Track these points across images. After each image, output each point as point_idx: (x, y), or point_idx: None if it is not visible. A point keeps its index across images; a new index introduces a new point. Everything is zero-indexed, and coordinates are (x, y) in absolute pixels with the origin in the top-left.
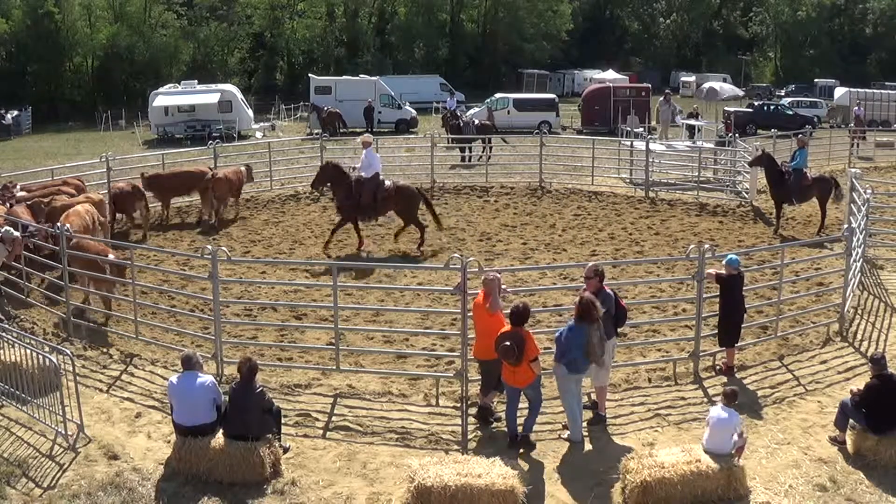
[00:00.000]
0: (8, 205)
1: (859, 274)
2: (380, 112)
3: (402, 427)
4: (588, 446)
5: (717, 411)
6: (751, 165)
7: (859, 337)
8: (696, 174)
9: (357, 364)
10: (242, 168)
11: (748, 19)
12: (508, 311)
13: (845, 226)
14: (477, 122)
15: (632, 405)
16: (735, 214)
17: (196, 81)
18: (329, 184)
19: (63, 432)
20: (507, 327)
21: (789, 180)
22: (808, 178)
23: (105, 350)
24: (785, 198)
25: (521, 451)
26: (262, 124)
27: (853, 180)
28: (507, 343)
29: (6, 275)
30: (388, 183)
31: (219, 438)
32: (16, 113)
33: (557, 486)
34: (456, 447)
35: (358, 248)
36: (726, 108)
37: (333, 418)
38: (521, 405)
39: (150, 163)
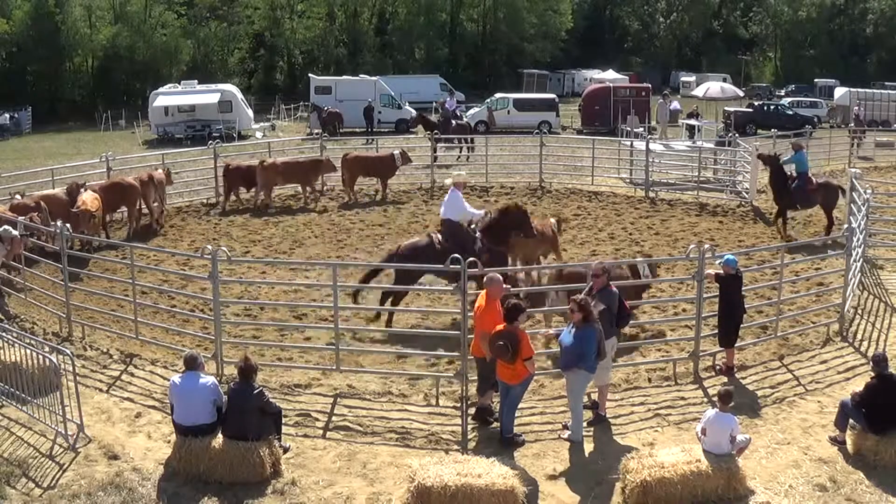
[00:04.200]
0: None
1: (859, 274)
2: (380, 112)
3: (402, 427)
4: (588, 446)
5: (713, 413)
6: (759, 157)
7: (859, 337)
8: (696, 174)
9: (357, 364)
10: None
11: (748, 19)
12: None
13: (845, 226)
14: (454, 122)
15: (632, 405)
16: (735, 214)
17: (196, 81)
18: None
19: (63, 432)
20: (501, 326)
21: (793, 185)
22: (812, 183)
23: (105, 350)
24: (789, 204)
25: (516, 450)
26: (262, 124)
27: (853, 180)
28: (501, 343)
29: (6, 274)
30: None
31: (219, 438)
32: (9, 115)
33: (557, 486)
34: (456, 447)
35: None
36: (726, 108)
37: (333, 418)
38: (520, 405)
39: (150, 163)
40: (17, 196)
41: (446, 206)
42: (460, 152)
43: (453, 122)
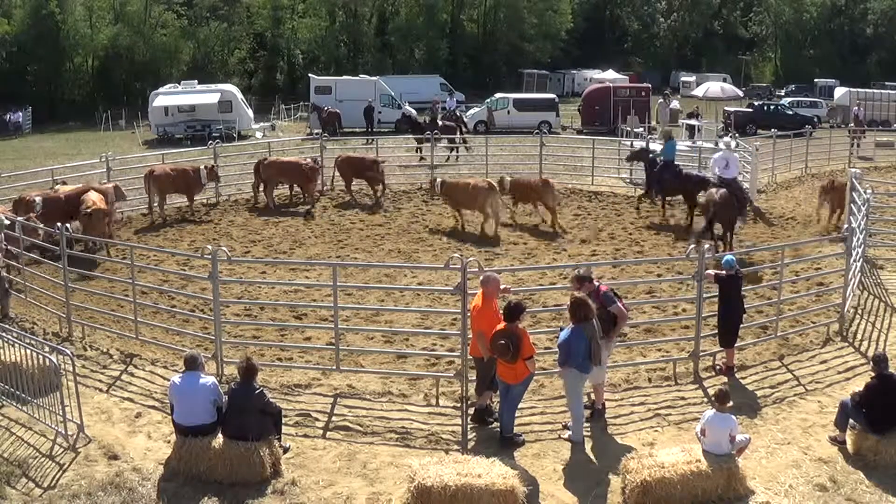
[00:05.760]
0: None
1: (859, 274)
2: (380, 112)
3: (402, 427)
4: (588, 446)
5: (712, 413)
6: (628, 160)
7: (859, 337)
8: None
9: (357, 364)
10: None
11: (748, 19)
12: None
13: (845, 226)
14: (441, 123)
15: (632, 405)
16: None
17: (196, 81)
18: None
19: (63, 432)
20: (502, 325)
21: (654, 170)
22: (671, 173)
23: (105, 350)
24: (658, 190)
25: (516, 450)
26: (262, 124)
27: (853, 180)
28: (503, 342)
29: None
30: None
31: (219, 439)
32: (20, 113)
33: (557, 486)
34: (456, 447)
35: None
36: (726, 108)
37: (333, 418)
38: (520, 405)
39: (150, 163)
40: (58, 186)
41: (731, 167)
42: (457, 152)
43: (440, 122)
